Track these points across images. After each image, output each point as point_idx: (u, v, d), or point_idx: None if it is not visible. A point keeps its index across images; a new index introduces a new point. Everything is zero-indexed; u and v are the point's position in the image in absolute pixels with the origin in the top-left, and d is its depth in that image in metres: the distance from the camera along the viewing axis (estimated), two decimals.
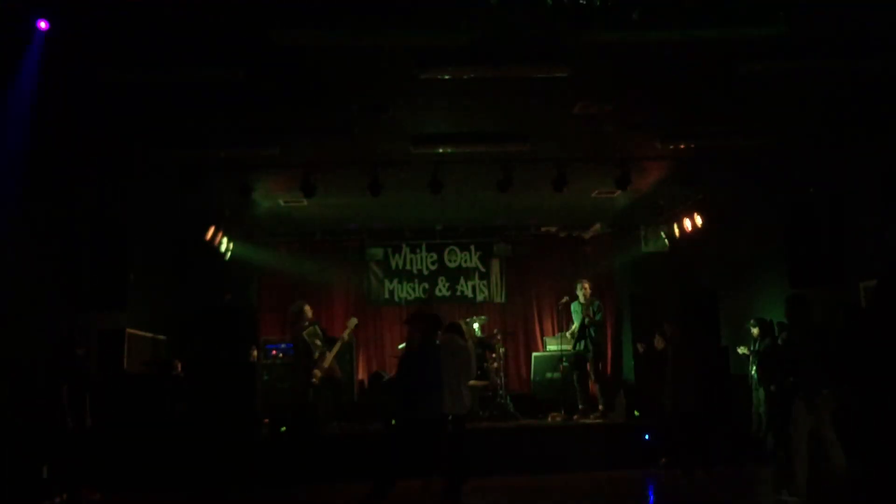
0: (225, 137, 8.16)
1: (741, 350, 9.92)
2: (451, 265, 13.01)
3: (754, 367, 9.57)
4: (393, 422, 9.18)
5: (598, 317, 10.13)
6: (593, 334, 10.07)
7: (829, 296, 9.03)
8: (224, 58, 6.31)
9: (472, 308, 12.52)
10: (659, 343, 8.76)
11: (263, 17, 5.70)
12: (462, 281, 13.00)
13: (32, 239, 7.57)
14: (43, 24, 5.78)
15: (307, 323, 9.65)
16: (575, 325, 10.30)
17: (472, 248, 13.08)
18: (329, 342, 9.85)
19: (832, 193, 8.90)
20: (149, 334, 9.91)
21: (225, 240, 11.39)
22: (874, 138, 7.91)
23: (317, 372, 9.48)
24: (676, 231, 11.56)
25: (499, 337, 10.86)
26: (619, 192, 9.88)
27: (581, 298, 10.26)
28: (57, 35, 5.90)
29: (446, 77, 6.62)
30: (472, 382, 7.73)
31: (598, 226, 12.79)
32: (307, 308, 9.81)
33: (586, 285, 10.30)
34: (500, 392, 10.41)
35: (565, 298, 10.81)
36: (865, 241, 8.42)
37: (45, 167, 7.39)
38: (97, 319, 8.68)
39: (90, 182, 8.42)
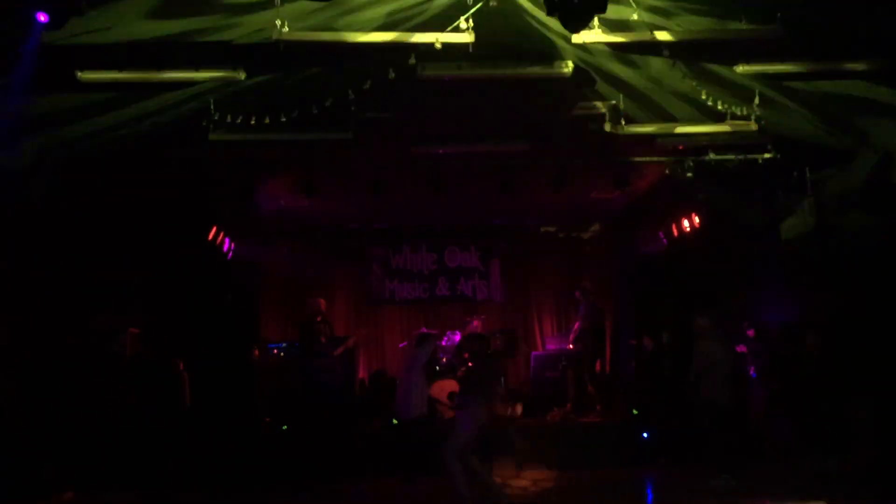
0: (225, 137, 8.17)
1: (741, 349, 9.96)
2: (451, 265, 13.05)
3: (752, 367, 9.62)
4: (395, 421, 9.25)
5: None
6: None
7: (827, 297, 9.08)
8: (224, 58, 6.34)
9: (472, 308, 12.56)
10: (648, 344, 8.79)
11: (264, 17, 5.73)
12: (462, 281, 13.04)
13: (34, 239, 7.62)
14: (42, 17, 5.73)
15: (319, 319, 9.87)
16: None
17: (472, 248, 13.11)
18: (334, 342, 9.98)
19: (831, 194, 8.93)
20: (150, 334, 9.95)
21: (227, 240, 11.42)
22: (872, 139, 7.93)
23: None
24: (675, 231, 11.59)
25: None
26: (617, 192, 9.91)
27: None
28: (54, 31, 5.91)
29: (446, 77, 6.65)
30: None
31: (597, 226, 12.82)
32: (320, 303, 10.08)
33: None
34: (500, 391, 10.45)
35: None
36: (863, 242, 8.45)
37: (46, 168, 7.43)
38: (98, 319, 8.73)
39: (91, 182, 8.45)
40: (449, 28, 5.79)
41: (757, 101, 7.07)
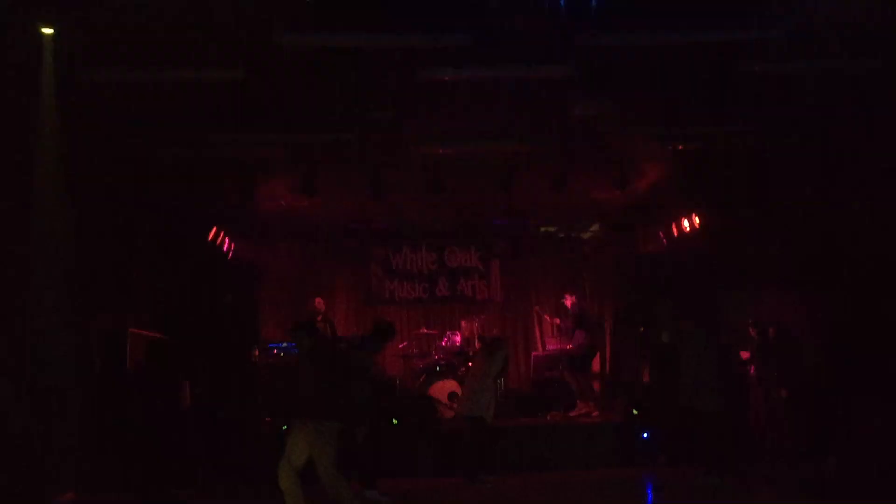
0: (225, 137, 8.19)
1: (745, 354, 9.96)
2: (451, 265, 13.04)
3: (753, 367, 9.62)
4: (395, 421, 9.25)
5: None
6: None
7: (826, 297, 9.09)
8: (224, 58, 6.35)
9: (472, 308, 12.56)
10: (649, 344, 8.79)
11: (264, 17, 5.74)
12: (462, 281, 13.03)
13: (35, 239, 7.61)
14: None
15: (319, 318, 9.90)
16: None
17: (472, 248, 13.10)
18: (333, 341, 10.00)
19: (830, 193, 8.93)
20: (151, 334, 9.94)
21: (227, 240, 11.42)
22: (872, 138, 7.93)
23: None
24: (675, 231, 11.59)
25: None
26: (618, 192, 9.91)
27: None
28: (56, 35, 5.93)
29: (446, 77, 6.65)
30: None
31: (596, 226, 12.82)
32: (317, 302, 10.06)
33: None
34: (500, 391, 10.44)
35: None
36: (862, 243, 8.45)
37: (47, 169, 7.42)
38: (99, 319, 8.71)
39: (93, 182, 8.44)
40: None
41: None
